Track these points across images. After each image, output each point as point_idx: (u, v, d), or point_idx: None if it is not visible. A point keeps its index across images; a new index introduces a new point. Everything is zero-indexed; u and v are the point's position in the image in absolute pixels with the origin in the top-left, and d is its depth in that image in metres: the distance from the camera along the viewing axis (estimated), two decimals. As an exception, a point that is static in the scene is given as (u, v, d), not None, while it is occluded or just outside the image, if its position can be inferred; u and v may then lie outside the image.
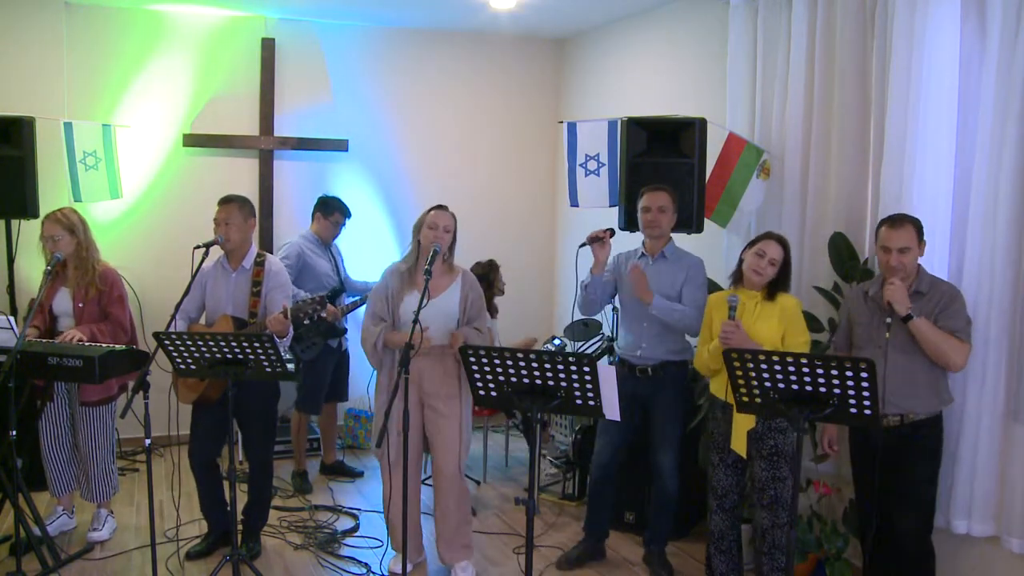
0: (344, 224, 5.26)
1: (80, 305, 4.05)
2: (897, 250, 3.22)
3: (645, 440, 4.01)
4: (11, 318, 3.91)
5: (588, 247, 3.91)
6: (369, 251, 6.12)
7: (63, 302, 4.10)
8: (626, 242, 4.28)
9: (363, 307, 5.36)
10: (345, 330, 5.25)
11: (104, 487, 4.25)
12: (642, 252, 3.99)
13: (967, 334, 3.22)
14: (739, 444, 3.44)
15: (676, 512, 4.08)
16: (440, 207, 3.80)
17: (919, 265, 3.32)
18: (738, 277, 3.55)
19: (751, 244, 3.53)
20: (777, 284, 3.48)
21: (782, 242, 3.49)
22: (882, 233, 3.28)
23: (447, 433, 3.79)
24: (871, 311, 3.36)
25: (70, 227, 4.07)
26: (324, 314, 3.95)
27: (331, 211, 5.17)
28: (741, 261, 3.53)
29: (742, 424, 3.41)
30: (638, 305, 3.89)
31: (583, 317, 5.23)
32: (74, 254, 4.08)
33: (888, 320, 3.22)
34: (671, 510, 4.03)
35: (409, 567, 3.90)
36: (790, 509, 3.22)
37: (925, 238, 3.32)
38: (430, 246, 3.68)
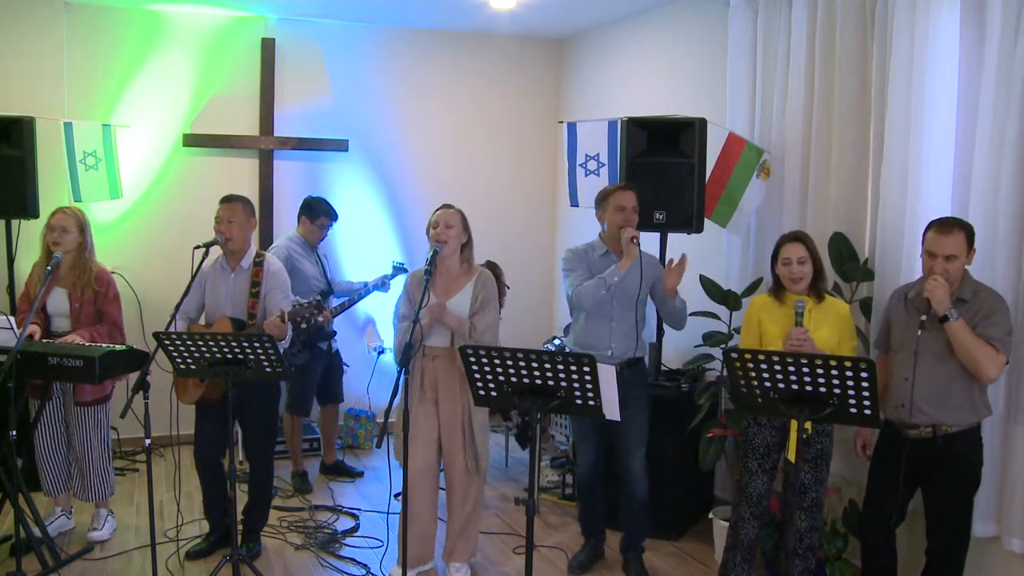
0: (330, 227, 5.23)
1: (76, 305, 4.05)
2: (943, 257, 3.05)
3: (614, 441, 3.94)
4: (11, 318, 3.92)
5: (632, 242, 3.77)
6: (369, 251, 6.14)
7: (58, 302, 4.09)
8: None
9: (351, 309, 5.39)
10: (334, 332, 5.23)
11: (100, 488, 4.24)
12: (607, 250, 3.92)
13: (1005, 345, 3.04)
14: (795, 453, 3.35)
15: (660, 509, 4.04)
16: (444, 206, 3.81)
17: (965, 271, 3.16)
18: (779, 287, 3.49)
19: (774, 256, 3.47)
20: (818, 279, 3.44)
21: (799, 238, 3.44)
22: (929, 237, 3.11)
23: (457, 434, 3.79)
24: (909, 314, 3.24)
25: (80, 224, 4.09)
26: (320, 318, 3.94)
27: (316, 215, 5.13)
28: (777, 276, 3.48)
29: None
30: (609, 303, 3.83)
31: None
32: (75, 252, 4.08)
33: (923, 317, 3.06)
34: (645, 514, 3.99)
35: (414, 573, 3.91)
36: (791, 508, 3.21)
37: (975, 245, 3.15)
38: (433, 246, 3.69)
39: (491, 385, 2.86)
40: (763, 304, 3.55)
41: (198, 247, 3.82)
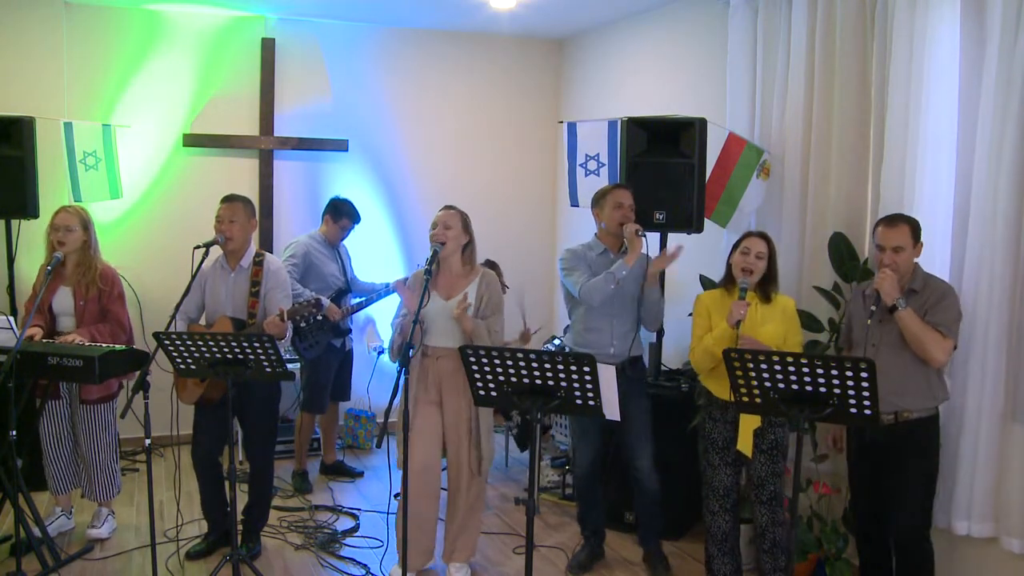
0: (352, 228, 5.29)
1: (81, 303, 4.05)
2: (891, 249, 3.24)
3: (620, 439, 3.98)
4: (11, 318, 3.91)
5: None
6: (369, 251, 6.13)
7: (64, 301, 4.09)
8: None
9: (368, 308, 5.41)
10: (349, 330, 5.27)
11: (107, 486, 4.25)
12: (604, 248, 3.95)
13: (952, 331, 3.22)
14: (746, 445, 3.43)
15: (671, 510, 4.06)
16: (445, 207, 3.81)
17: (916, 265, 3.33)
18: (729, 281, 3.56)
19: (734, 247, 3.56)
20: (768, 282, 3.52)
21: (763, 237, 3.53)
22: (878, 232, 3.31)
23: (461, 434, 3.79)
24: (866, 310, 3.36)
25: (84, 222, 4.10)
26: (320, 316, 3.95)
27: (340, 216, 5.20)
28: (729, 266, 3.56)
29: (749, 424, 3.40)
30: (610, 300, 3.85)
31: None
32: (79, 250, 4.08)
33: (872, 308, 3.22)
34: (658, 508, 4.01)
35: (414, 573, 3.90)
36: (791, 509, 3.22)
37: (924, 239, 3.33)
38: (433, 246, 3.70)
39: (491, 385, 2.86)
40: (711, 299, 3.63)
41: (198, 247, 3.83)
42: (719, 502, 3.61)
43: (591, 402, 2.76)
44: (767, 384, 2.74)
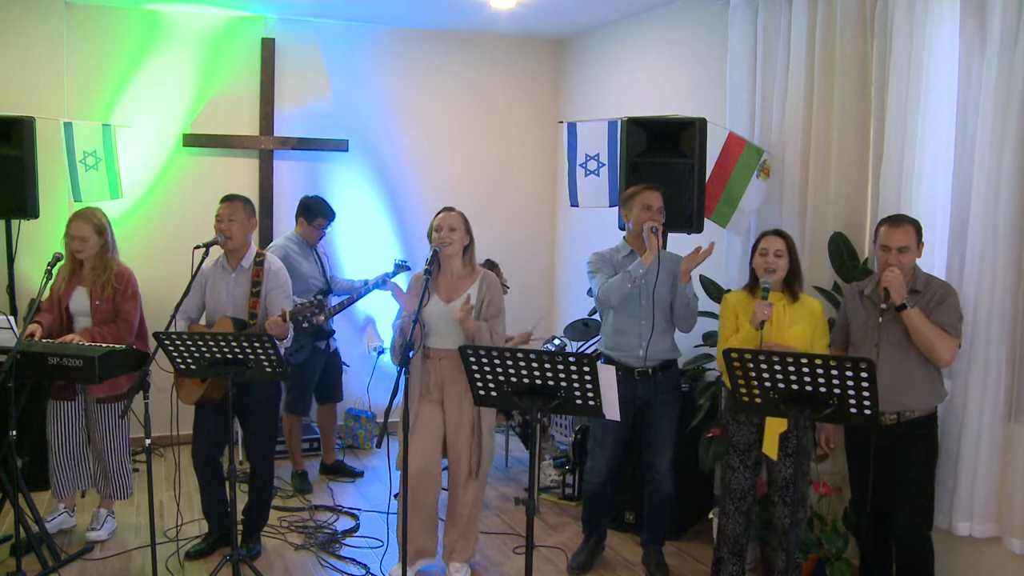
0: (327, 226, 5.22)
1: (96, 303, 4.07)
2: (897, 249, 3.25)
3: (640, 442, 3.97)
4: (11, 318, 3.91)
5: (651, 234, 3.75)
6: (370, 251, 6.14)
7: (80, 301, 4.11)
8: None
9: (350, 308, 5.38)
10: (333, 331, 5.24)
11: (121, 485, 4.26)
12: (631, 250, 3.92)
13: (957, 330, 3.25)
14: (771, 447, 3.40)
15: (673, 512, 4.07)
16: (445, 209, 3.81)
17: (915, 265, 3.34)
18: (754, 282, 3.54)
19: (753, 250, 3.55)
20: (794, 278, 3.51)
21: (779, 233, 3.53)
22: (882, 232, 3.30)
23: (462, 435, 3.79)
24: (867, 310, 3.38)
25: (99, 229, 4.11)
26: (322, 317, 3.95)
27: (314, 216, 5.12)
28: (753, 270, 3.54)
29: (775, 428, 3.37)
30: (637, 302, 3.84)
31: (584, 318, 5.24)
32: (96, 255, 4.10)
33: (883, 306, 3.21)
34: (667, 511, 4.01)
35: (414, 573, 3.90)
36: (792, 508, 3.23)
37: (924, 239, 3.34)
38: (433, 246, 3.69)
39: (491, 385, 2.86)
40: (737, 300, 3.62)
41: (198, 247, 3.83)
42: (735, 504, 3.60)
43: (591, 402, 2.76)
44: (767, 384, 2.74)
